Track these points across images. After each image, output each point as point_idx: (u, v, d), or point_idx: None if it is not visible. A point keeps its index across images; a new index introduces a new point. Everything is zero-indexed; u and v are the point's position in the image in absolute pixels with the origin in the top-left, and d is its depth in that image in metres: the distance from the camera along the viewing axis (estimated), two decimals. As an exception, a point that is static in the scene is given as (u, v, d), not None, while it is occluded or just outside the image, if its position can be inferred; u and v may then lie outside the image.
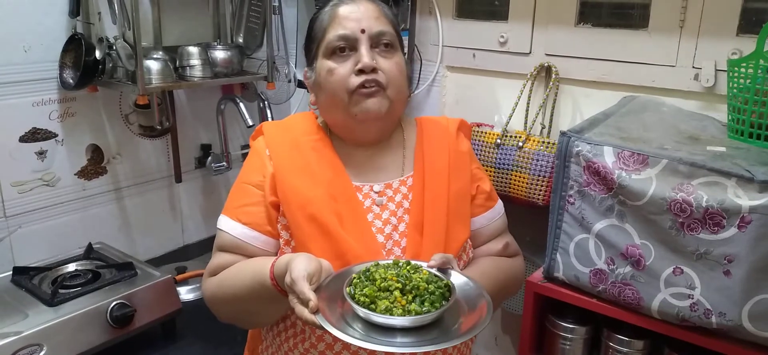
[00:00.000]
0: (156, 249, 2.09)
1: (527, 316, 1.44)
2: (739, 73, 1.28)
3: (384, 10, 1.21)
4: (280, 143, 1.22)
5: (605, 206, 1.24)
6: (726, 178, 1.12)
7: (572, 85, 1.70)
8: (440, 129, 1.29)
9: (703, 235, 1.14)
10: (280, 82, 2.12)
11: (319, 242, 1.11)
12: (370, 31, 1.15)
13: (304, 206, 1.13)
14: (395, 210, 1.19)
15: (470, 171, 1.27)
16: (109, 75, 1.75)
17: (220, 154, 2.12)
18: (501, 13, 1.79)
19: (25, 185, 1.72)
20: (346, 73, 1.14)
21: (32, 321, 1.41)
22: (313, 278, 0.96)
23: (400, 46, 1.22)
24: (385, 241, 1.16)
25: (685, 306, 1.18)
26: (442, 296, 0.97)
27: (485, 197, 1.28)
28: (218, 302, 1.18)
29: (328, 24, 1.17)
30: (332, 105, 1.18)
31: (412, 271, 1.01)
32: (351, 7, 1.17)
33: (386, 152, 1.25)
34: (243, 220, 1.17)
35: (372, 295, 0.95)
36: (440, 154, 1.24)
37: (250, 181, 1.21)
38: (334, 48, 1.16)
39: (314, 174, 1.17)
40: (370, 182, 1.21)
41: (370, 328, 0.93)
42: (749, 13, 1.42)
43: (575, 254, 1.31)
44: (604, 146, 1.24)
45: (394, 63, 1.17)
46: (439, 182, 1.20)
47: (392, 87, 1.16)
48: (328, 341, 1.12)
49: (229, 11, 2.08)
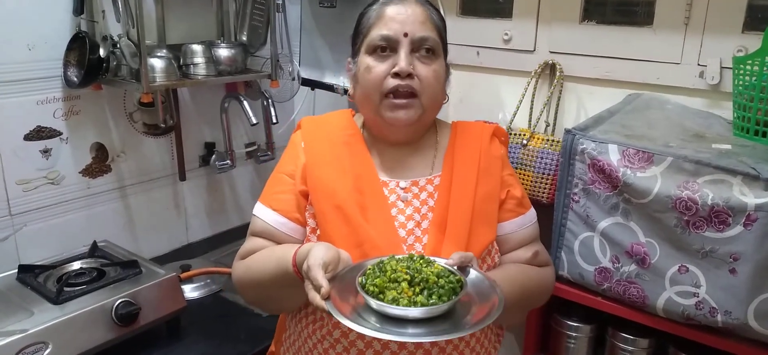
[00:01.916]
0: (160, 247, 2.09)
1: (532, 314, 1.44)
2: (745, 70, 1.27)
3: (431, 15, 1.22)
4: (315, 136, 1.27)
5: (610, 204, 1.24)
6: (731, 176, 1.12)
7: (576, 82, 1.69)
8: (474, 133, 1.30)
9: (708, 233, 1.14)
10: (283, 80, 2.12)
11: (342, 232, 1.15)
12: (412, 35, 1.17)
13: (330, 196, 1.18)
14: (419, 207, 1.21)
15: (501, 176, 1.26)
16: (113, 73, 1.75)
17: (224, 153, 2.12)
18: (505, 10, 1.79)
19: (30, 184, 1.73)
20: (382, 74, 1.17)
21: (37, 319, 1.41)
22: (330, 266, 0.99)
23: (443, 52, 1.23)
24: (407, 236, 1.18)
25: (690, 304, 1.18)
26: (452, 290, 0.98)
27: (516, 202, 1.26)
28: (245, 285, 1.23)
29: (374, 21, 1.20)
30: (365, 101, 1.22)
31: (424, 265, 1.02)
32: (398, 8, 1.19)
33: (417, 152, 1.27)
34: (274, 207, 1.23)
35: (381, 285, 0.98)
36: (470, 157, 1.24)
37: (284, 170, 1.27)
38: (375, 46, 1.18)
39: (343, 167, 1.21)
40: (397, 178, 1.23)
41: (380, 318, 0.96)
42: (755, 9, 1.41)
43: (580, 252, 1.31)
44: (609, 144, 1.24)
45: (432, 70, 1.19)
46: (467, 183, 1.21)
47: (426, 94, 1.18)
48: (344, 328, 1.14)
49: (233, 9, 2.08)
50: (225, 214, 2.24)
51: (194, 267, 2.01)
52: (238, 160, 2.17)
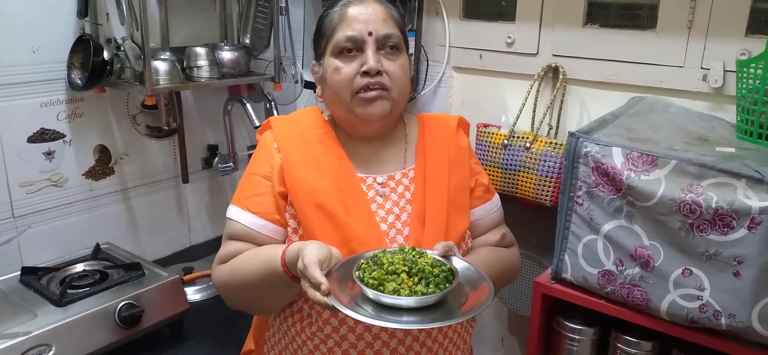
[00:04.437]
0: (163, 249, 2.09)
1: (535, 317, 1.44)
2: (748, 73, 1.27)
3: (392, 13, 1.25)
4: (288, 136, 1.26)
5: (614, 207, 1.24)
6: (736, 179, 1.12)
7: (580, 85, 1.69)
8: (441, 125, 1.34)
9: (712, 236, 1.13)
10: (286, 82, 2.12)
11: (326, 230, 1.16)
12: (377, 33, 1.19)
13: (311, 196, 1.18)
14: (397, 201, 1.24)
15: (469, 165, 1.33)
16: (116, 76, 1.76)
17: (226, 155, 2.12)
18: (508, 13, 1.79)
19: (33, 186, 1.73)
20: (351, 74, 1.19)
21: (41, 321, 1.41)
22: (324, 264, 1.01)
23: (405, 47, 1.26)
24: (388, 229, 1.21)
25: (694, 307, 1.18)
26: (446, 279, 1.04)
27: (483, 189, 1.34)
28: (229, 289, 1.22)
29: (337, 23, 1.21)
30: (336, 102, 1.23)
31: (417, 256, 1.07)
32: (360, 9, 1.21)
33: (389, 146, 1.29)
34: (252, 209, 1.22)
35: (380, 278, 1.02)
36: (441, 149, 1.29)
37: (259, 172, 1.25)
38: (341, 48, 1.20)
39: (321, 165, 1.22)
40: (374, 174, 1.25)
41: (378, 308, 1.00)
42: (758, 13, 1.41)
43: (583, 255, 1.31)
44: (612, 147, 1.23)
45: (398, 65, 1.22)
46: (440, 175, 1.26)
47: (396, 88, 1.21)
48: (334, 324, 1.16)
49: (236, 12, 2.09)
50: (227, 216, 2.25)
51: (196, 269, 2.01)
52: (240, 163, 2.17)
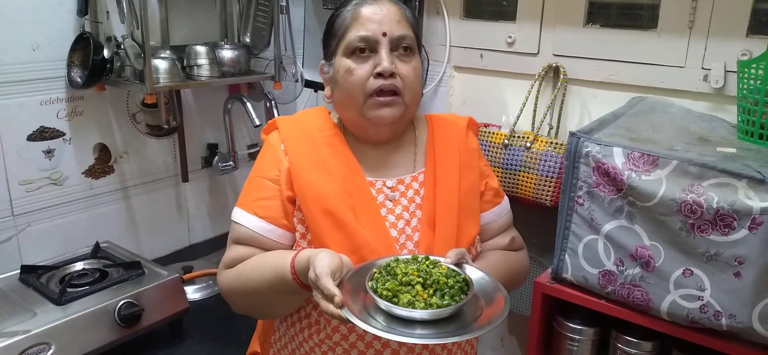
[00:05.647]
0: (162, 248, 2.09)
1: (535, 317, 1.44)
2: (749, 74, 1.27)
3: (406, 14, 1.21)
4: (296, 138, 1.23)
5: (615, 207, 1.24)
6: (737, 179, 1.11)
7: (580, 85, 1.69)
8: (450, 126, 1.31)
9: (713, 236, 1.13)
10: (287, 81, 2.12)
11: (335, 236, 1.13)
12: (391, 34, 1.16)
13: (320, 201, 1.15)
14: (407, 205, 1.21)
15: (479, 168, 1.30)
16: (116, 74, 1.76)
17: (226, 154, 2.12)
18: (509, 13, 1.79)
19: (33, 184, 1.73)
20: (364, 75, 1.16)
21: (40, 320, 1.41)
22: (336, 274, 0.99)
23: (418, 49, 1.24)
24: (398, 235, 1.18)
25: (694, 308, 1.17)
26: (461, 289, 1.01)
27: (493, 193, 1.32)
28: (236, 295, 1.20)
29: (350, 23, 1.18)
30: (347, 103, 1.20)
31: (431, 266, 1.04)
32: (374, 9, 1.18)
33: (398, 149, 1.27)
34: (259, 213, 1.19)
35: (394, 289, 0.99)
36: (451, 151, 1.26)
37: (266, 175, 1.22)
38: (354, 48, 1.17)
39: (329, 169, 1.18)
40: (383, 178, 1.23)
41: (391, 320, 0.97)
42: (759, 13, 1.41)
43: (584, 255, 1.31)
44: (613, 147, 1.23)
45: (412, 68, 1.19)
46: (450, 178, 1.23)
47: (408, 92, 1.18)
48: (343, 332, 1.14)
49: (237, 11, 2.08)
50: (227, 215, 2.21)
51: (196, 268, 2.01)
52: (240, 162, 2.17)
